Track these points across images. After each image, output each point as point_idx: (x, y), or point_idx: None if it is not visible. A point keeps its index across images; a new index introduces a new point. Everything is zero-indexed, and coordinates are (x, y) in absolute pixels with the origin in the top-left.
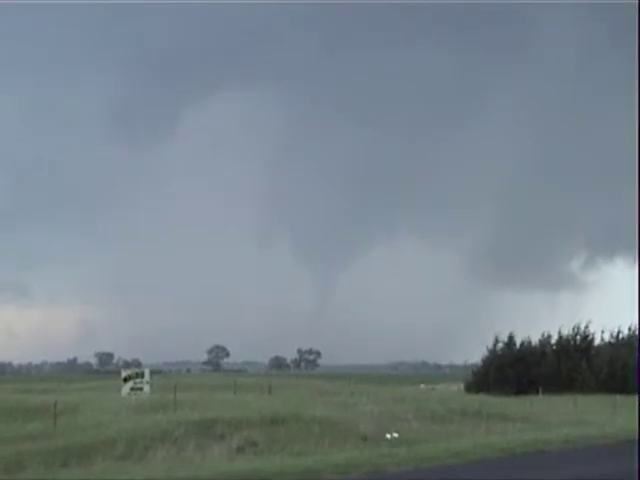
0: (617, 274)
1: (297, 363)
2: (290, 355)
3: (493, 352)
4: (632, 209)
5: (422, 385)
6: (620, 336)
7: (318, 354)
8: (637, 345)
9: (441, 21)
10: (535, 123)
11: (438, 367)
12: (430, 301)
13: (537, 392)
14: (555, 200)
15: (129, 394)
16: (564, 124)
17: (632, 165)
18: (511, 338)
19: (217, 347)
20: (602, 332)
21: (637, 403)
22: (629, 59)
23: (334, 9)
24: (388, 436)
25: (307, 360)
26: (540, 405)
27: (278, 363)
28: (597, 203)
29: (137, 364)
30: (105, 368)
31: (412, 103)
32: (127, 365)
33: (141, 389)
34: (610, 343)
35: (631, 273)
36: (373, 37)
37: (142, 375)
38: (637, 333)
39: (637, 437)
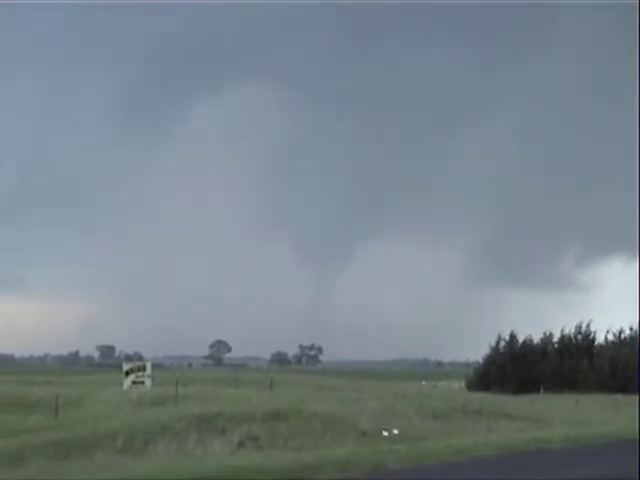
0: (615, 272)
1: (299, 359)
2: (292, 351)
3: (495, 350)
4: (629, 208)
5: (424, 382)
6: (622, 335)
7: (320, 350)
8: (637, 344)
9: (447, 24)
10: (537, 123)
11: (439, 364)
12: (432, 298)
13: (538, 391)
14: (555, 199)
15: (130, 387)
16: (564, 125)
17: (631, 165)
18: (513, 336)
19: (219, 342)
20: (607, 332)
21: (637, 402)
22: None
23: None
24: (385, 433)
25: (308, 356)
26: (541, 404)
27: (280, 358)
28: (595, 202)
29: (139, 357)
30: (107, 361)
31: (416, 103)
32: (129, 358)
33: (143, 383)
34: (612, 342)
35: (628, 271)
36: (381, 39)
37: (144, 369)
38: (638, 332)
39: (638, 437)
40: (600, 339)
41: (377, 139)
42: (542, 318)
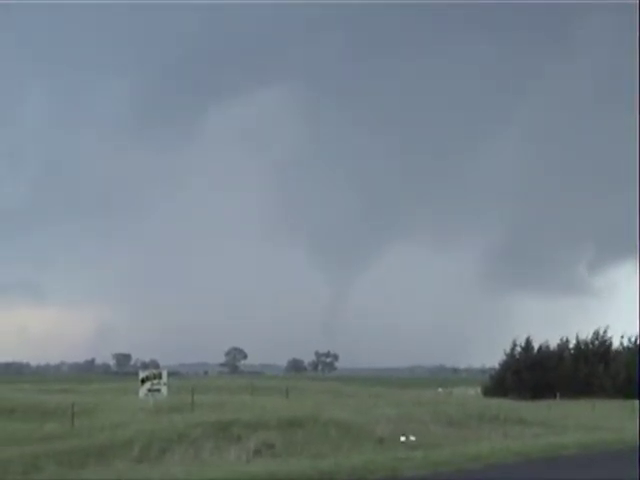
0: (628, 276)
1: (315, 366)
2: (308, 358)
3: (511, 356)
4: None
5: (440, 389)
6: (638, 341)
7: (335, 357)
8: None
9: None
10: (551, 127)
11: (455, 371)
12: (447, 303)
13: (555, 396)
14: (569, 203)
15: (146, 395)
16: (578, 128)
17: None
18: (529, 342)
19: (235, 349)
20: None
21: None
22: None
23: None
24: (403, 439)
25: (324, 363)
26: (557, 410)
27: (296, 366)
28: (609, 206)
29: (155, 365)
30: (123, 369)
31: (434, 104)
32: (145, 366)
33: (159, 390)
34: (628, 348)
35: (635, 277)
36: (397, 39)
37: (160, 376)
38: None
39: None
40: (616, 344)
41: (394, 143)
42: (558, 323)
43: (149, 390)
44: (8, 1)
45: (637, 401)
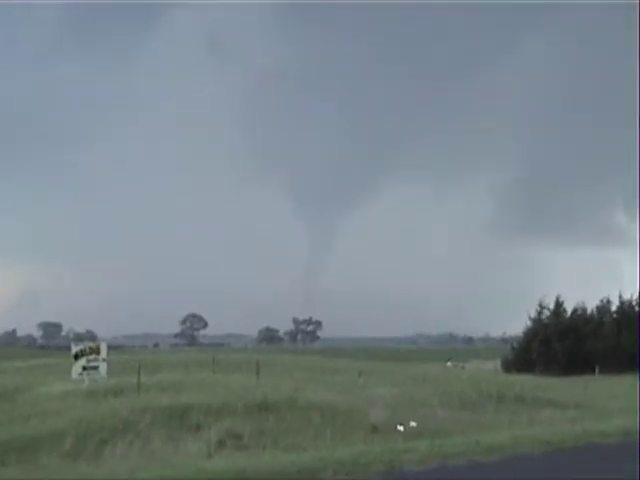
0: None
1: (293, 336)
2: (284, 326)
3: (537, 322)
4: None
5: (449, 363)
6: (636, 303)
7: (318, 325)
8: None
9: None
10: (576, 61)
11: (469, 340)
12: (453, 258)
13: (593, 371)
14: (599, 130)
15: (81, 375)
16: (604, 63)
17: None
18: (559, 304)
19: (192, 316)
20: None
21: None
22: None
23: None
24: (400, 428)
25: (305, 332)
26: (596, 387)
27: (269, 335)
28: None
29: (91, 337)
30: (51, 342)
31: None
32: (79, 338)
33: (96, 368)
34: None
35: None
36: None
37: (97, 351)
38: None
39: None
40: None
41: (392, 66)
42: (594, 280)
43: (84, 368)
44: None
45: None
